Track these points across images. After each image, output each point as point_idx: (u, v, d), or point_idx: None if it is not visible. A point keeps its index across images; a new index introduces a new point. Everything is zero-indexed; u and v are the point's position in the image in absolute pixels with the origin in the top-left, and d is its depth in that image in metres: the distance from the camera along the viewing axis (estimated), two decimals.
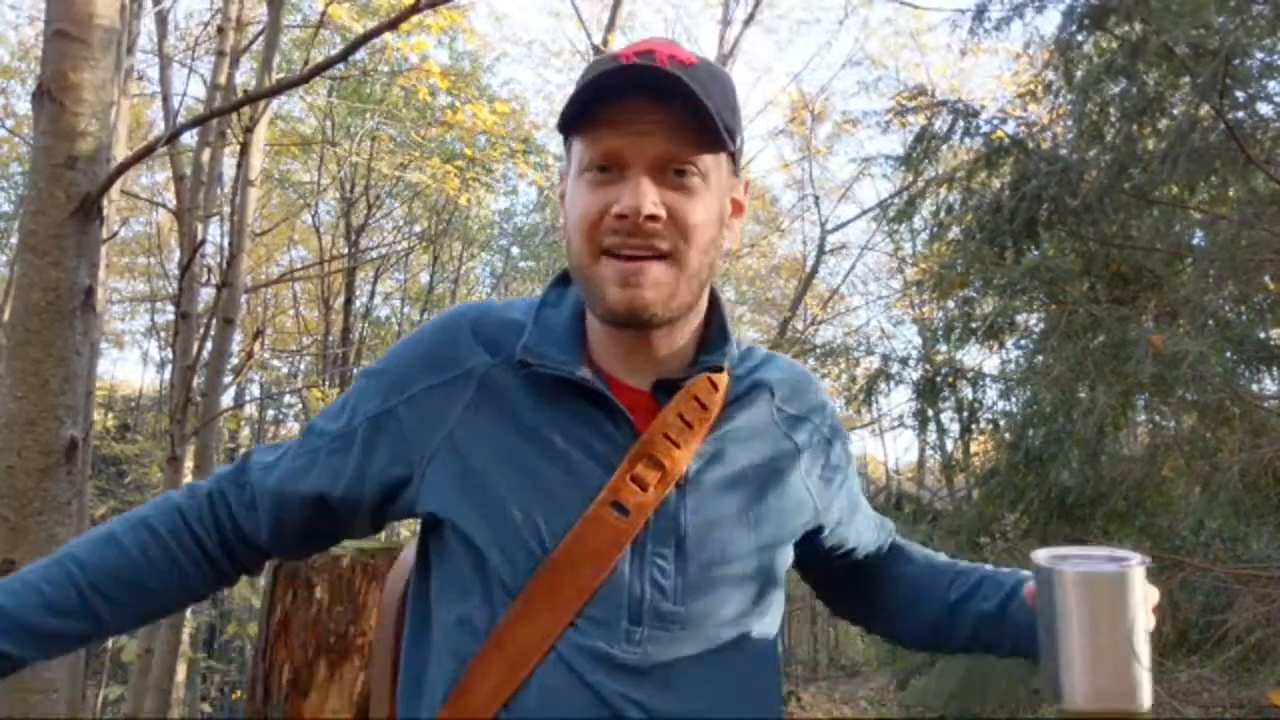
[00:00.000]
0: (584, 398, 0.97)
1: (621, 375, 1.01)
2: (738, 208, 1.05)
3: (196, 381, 4.52)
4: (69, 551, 1.00)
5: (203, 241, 4.80)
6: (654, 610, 0.94)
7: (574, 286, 1.05)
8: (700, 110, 0.91)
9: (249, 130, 4.47)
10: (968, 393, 4.61)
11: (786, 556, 1.05)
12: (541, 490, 0.95)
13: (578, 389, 0.97)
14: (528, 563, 0.93)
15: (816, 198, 11.92)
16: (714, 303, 1.06)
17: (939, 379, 4.46)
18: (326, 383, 14.20)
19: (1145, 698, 0.84)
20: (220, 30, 5.27)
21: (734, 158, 1.00)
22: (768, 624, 1.03)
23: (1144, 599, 0.83)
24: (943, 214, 4.61)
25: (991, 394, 4.60)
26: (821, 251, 11.20)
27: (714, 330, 1.05)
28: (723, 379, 1.03)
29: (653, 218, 0.92)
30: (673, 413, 0.99)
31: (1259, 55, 3.72)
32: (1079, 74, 4.28)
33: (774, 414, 1.06)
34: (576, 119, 0.95)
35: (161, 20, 5.76)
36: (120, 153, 3.99)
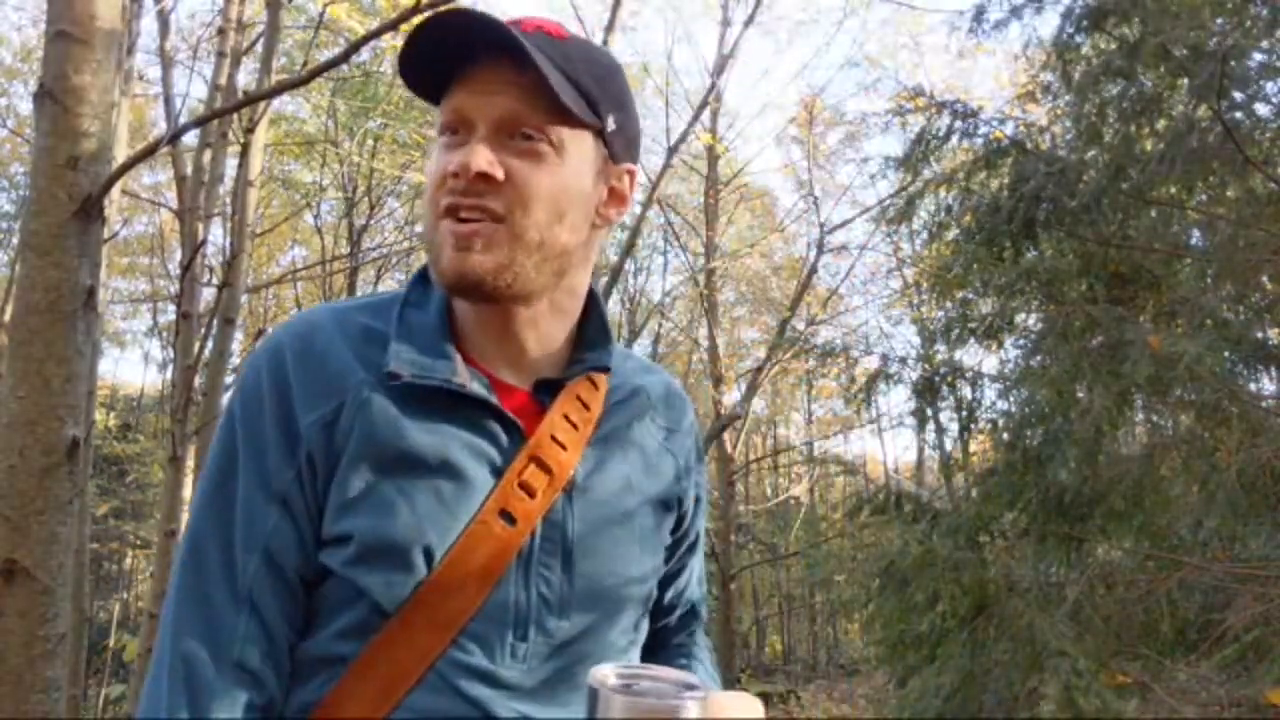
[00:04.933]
0: (467, 405, 0.91)
1: (500, 373, 0.96)
2: (616, 196, 0.99)
3: (198, 381, 4.53)
4: None
5: (204, 241, 4.82)
6: (539, 625, 0.90)
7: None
8: (550, 77, 0.87)
9: (250, 131, 4.48)
10: (966, 392, 4.62)
11: (663, 564, 1.03)
12: (431, 502, 0.87)
13: (459, 397, 0.90)
14: (412, 581, 0.86)
15: (816, 199, 11.93)
16: (593, 301, 1.02)
17: (937, 379, 4.47)
18: None
19: None
20: (221, 31, 5.29)
21: (607, 140, 0.95)
22: (643, 634, 1.01)
23: None
24: (941, 215, 4.62)
25: (990, 394, 4.61)
26: (821, 252, 11.22)
27: (594, 329, 1.01)
28: (603, 380, 1.00)
29: (485, 176, 0.88)
30: (558, 413, 0.94)
31: (1257, 56, 3.73)
32: (1077, 75, 4.29)
33: (651, 420, 1.03)
34: (424, 75, 0.92)
35: (163, 21, 5.77)
36: (122, 153, 4.00)
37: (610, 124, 0.95)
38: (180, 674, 0.84)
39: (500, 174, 0.88)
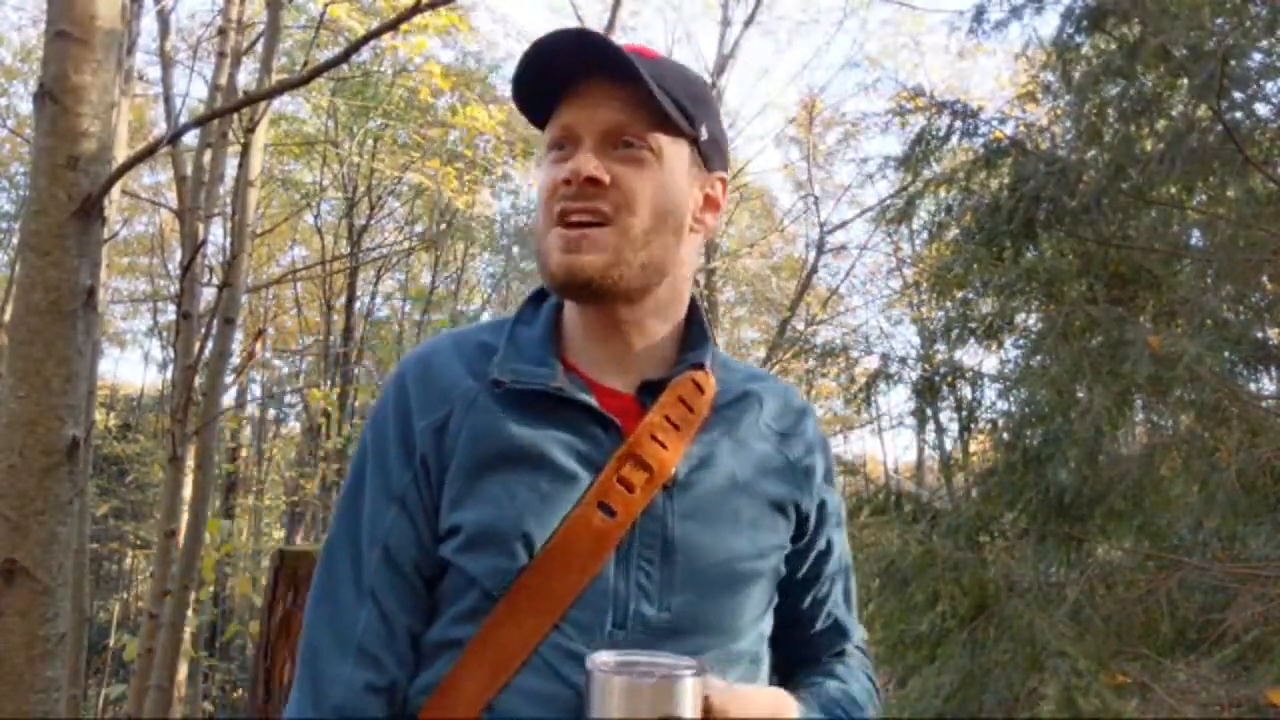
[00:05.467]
0: (566, 407, 0.97)
1: (604, 379, 1.02)
2: (711, 203, 1.06)
3: (198, 381, 4.53)
4: None
5: (204, 241, 4.81)
6: (638, 614, 0.93)
7: (549, 301, 1.07)
8: (653, 89, 0.95)
9: (250, 131, 4.48)
10: (966, 392, 4.61)
11: (777, 566, 1.03)
12: (529, 494, 0.94)
13: (558, 399, 0.97)
14: (514, 567, 0.92)
15: (816, 199, 11.95)
16: (694, 305, 1.07)
17: (938, 379, 4.47)
18: (328, 383, 14.22)
19: None
20: (222, 31, 5.28)
21: (701, 149, 1.03)
22: (761, 634, 1.01)
23: (693, 710, 0.79)
24: (941, 214, 4.61)
25: (990, 394, 4.60)
26: (821, 251, 11.23)
27: (695, 331, 1.07)
28: (709, 382, 1.03)
29: (594, 181, 0.95)
30: (659, 414, 0.99)
31: (1256, 56, 3.72)
32: (1077, 75, 4.29)
33: (763, 424, 1.05)
34: (533, 97, 1.00)
35: (163, 20, 5.77)
36: (121, 153, 4.00)
37: (704, 133, 1.02)
38: (308, 663, 0.96)
39: (607, 178, 0.96)
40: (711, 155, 1.04)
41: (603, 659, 0.81)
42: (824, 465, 1.09)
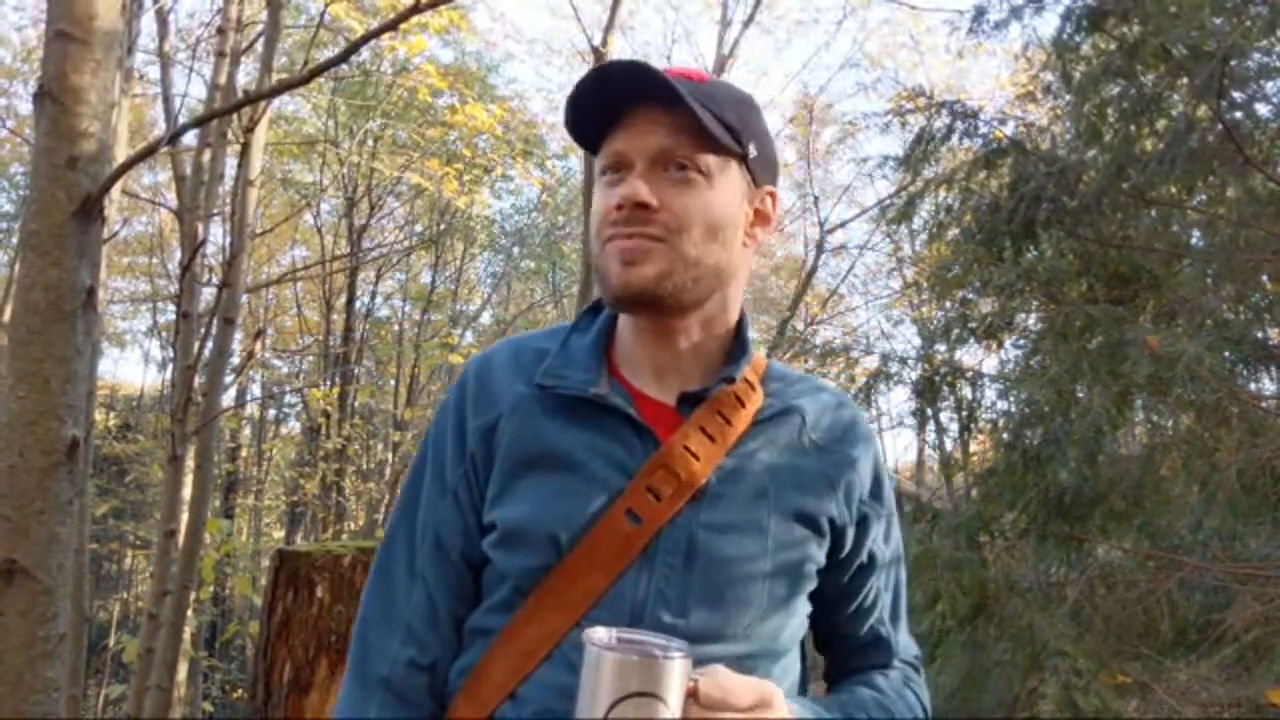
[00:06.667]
0: (605, 413, 1.01)
1: (648, 389, 1.05)
2: (761, 217, 1.08)
3: (197, 381, 4.53)
4: None
5: (203, 241, 4.81)
6: (655, 619, 0.95)
7: (605, 311, 1.10)
8: (698, 112, 0.97)
9: (249, 130, 4.48)
10: (966, 392, 4.60)
11: (803, 579, 1.03)
12: (560, 497, 0.98)
13: (598, 406, 1.01)
14: (541, 565, 0.97)
15: (816, 198, 11.94)
16: (741, 319, 1.09)
17: (938, 378, 4.46)
18: (328, 382, 14.21)
19: None
20: (221, 31, 5.27)
21: (750, 166, 1.05)
22: (780, 647, 1.02)
23: (678, 691, 0.83)
24: (941, 214, 4.61)
25: (990, 393, 4.59)
26: (821, 251, 11.22)
27: (737, 345, 1.08)
28: (752, 396, 1.05)
29: (644, 205, 0.97)
30: (694, 425, 1.01)
31: (1256, 56, 3.72)
32: (1077, 75, 4.28)
33: (804, 438, 1.06)
34: (588, 127, 1.03)
35: (162, 20, 5.77)
36: (121, 153, 4.00)
37: (752, 151, 1.04)
38: (360, 635, 1.04)
39: (655, 202, 0.98)
40: (760, 171, 1.06)
41: (598, 635, 0.85)
42: (869, 481, 1.09)
